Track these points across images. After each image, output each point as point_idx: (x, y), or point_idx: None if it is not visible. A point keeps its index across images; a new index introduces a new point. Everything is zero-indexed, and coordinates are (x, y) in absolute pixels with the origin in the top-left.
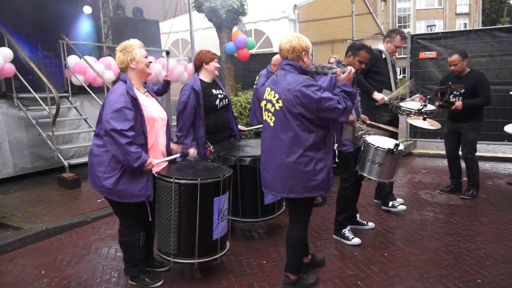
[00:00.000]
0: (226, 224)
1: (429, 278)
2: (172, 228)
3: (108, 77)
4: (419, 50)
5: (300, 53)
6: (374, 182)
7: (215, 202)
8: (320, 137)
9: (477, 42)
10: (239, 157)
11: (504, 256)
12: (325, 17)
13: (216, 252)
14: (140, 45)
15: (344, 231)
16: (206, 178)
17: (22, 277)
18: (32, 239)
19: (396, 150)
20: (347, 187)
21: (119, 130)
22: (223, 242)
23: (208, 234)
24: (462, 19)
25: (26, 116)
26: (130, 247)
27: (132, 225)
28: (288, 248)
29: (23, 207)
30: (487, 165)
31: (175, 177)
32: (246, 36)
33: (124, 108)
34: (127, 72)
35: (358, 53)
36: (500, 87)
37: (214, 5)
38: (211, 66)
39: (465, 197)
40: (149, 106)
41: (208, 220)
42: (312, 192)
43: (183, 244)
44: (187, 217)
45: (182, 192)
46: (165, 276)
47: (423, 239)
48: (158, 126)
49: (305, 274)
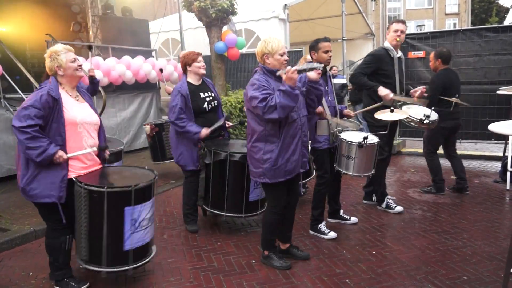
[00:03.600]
0: (145, 234)
1: (416, 276)
2: (83, 233)
3: (97, 77)
4: (408, 49)
5: (262, 56)
6: (351, 177)
7: (126, 212)
8: (269, 131)
9: (465, 41)
10: (230, 152)
11: (490, 253)
12: (315, 16)
13: (127, 264)
14: (67, 50)
15: (319, 226)
16: (113, 187)
17: (10, 278)
18: (19, 241)
19: (365, 143)
20: (321, 183)
21: (17, 127)
22: (139, 253)
23: (117, 244)
24: (451, 19)
25: (12, 117)
26: (55, 250)
27: (58, 227)
28: (262, 225)
29: (11, 208)
30: (475, 164)
31: (85, 183)
32: (236, 35)
33: (31, 106)
34: (57, 77)
35: (317, 46)
36: (487, 86)
37: (203, 4)
38: (194, 67)
39: (422, 191)
40: (74, 109)
41: (117, 230)
42: (260, 178)
43: (92, 251)
44: (94, 224)
45: (91, 199)
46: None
47: (411, 237)
48: (82, 130)
49: (276, 257)
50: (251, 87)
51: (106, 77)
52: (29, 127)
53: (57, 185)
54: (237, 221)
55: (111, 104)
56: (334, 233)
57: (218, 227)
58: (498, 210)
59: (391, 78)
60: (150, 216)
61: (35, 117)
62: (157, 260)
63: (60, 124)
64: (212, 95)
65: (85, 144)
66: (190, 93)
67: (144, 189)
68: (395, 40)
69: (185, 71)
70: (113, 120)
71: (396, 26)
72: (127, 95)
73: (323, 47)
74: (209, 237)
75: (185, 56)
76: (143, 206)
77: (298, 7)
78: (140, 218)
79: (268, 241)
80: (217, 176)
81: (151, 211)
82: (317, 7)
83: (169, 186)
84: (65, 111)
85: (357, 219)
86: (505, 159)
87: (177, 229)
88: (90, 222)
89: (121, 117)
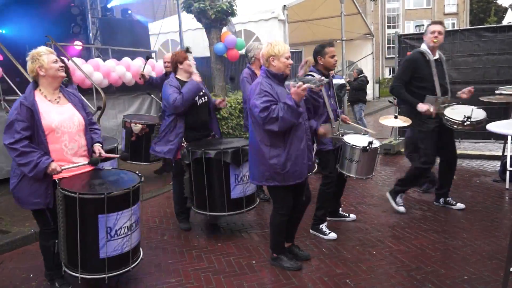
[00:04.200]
0: (123, 243)
1: (416, 275)
2: (62, 237)
3: (97, 79)
4: (407, 49)
5: (268, 58)
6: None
7: (99, 219)
8: (274, 136)
9: (464, 41)
10: (204, 150)
11: (490, 252)
12: (314, 17)
13: (103, 272)
14: (48, 51)
15: (321, 226)
16: (85, 194)
17: (11, 280)
18: (20, 243)
19: (369, 148)
20: (327, 183)
21: (7, 145)
22: (116, 261)
23: (92, 251)
24: (450, 19)
25: None
26: (45, 251)
27: (46, 230)
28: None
29: (11, 210)
30: (474, 163)
31: (61, 187)
32: (235, 36)
33: (15, 120)
34: (39, 79)
35: (324, 51)
36: (486, 86)
37: (203, 6)
38: (185, 65)
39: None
40: (51, 114)
41: (92, 237)
42: (269, 182)
43: (69, 255)
44: (70, 229)
45: (66, 203)
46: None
47: (411, 237)
48: (60, 135)
49: (286, 258)
50: (254, 92)
51: (106, 78)
52: (17, 143)
53: (42, 192)
54: (238, 222)
55: (111, 106)
56: (334, 234)
57: (218, 228)
58: (497, 209)
59: (429, 82)
60: (130, 224)
61: (22, 130)
62: (158, 261)
63: (40, 131)
64: (202, 91)
65: (65, 148)
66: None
67: (121, 197)
68: (432, 41)
69: (175, 69)
70: (113, 121)
71: (433, 27)
72: (127, 97)
73: (330, 52)
74: (209, 238)
75: (177, 54)
76: (119, 214)
77: (297, 8)
78: (117, 226)
79: (277, 243)
80: (196, 175)
81: (131, 219)
82: (316, 8)
83: (169, 187)
84: (42, 117)
85: (355, 216)
86: (505, 159)
87: (177, 230)
88: (66, 226)
89: (121, 118)
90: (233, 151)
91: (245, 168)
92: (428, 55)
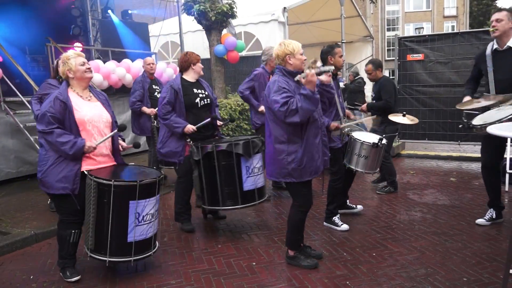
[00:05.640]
0: (147, 229)
1: (416, 277)
2: (91, 224)
3: (97, 80)
4: (407, 52)
5: (284, 57)
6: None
7: (130, 205)
8: (292, 132)
9: (464, 44)
10: (215, 143)
11: (490, 254)
12: (314, 19)
13: (130, 255)
14: (76, 55)
15: (334, 218)
16: (120, 180)
17: (11, 282)
18: (20, 244)
19: (380, 143)
20: (336, 179)
21: (43, 131)
22: (141, 245)
23: (121, 235)
24: (450, 22)
25: (12, 120)
26: (62, 240)
27: (66, 220)
28: (287, 225)
29: (11, 212)
30: (474, 166)
31: (95, 176)
32: (235, 38)
33: (47, 112)
34: (69, 80)
35: (334, 51)
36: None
37: (203, 7)
38: (198, 67)
39: (380, 192)
40: (84, 109)
41: (122, 222)
42: (286, 178)
43: (97, 241)
44: (101, 215)
45: (99, 191)
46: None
47: (411, 239)
48: (91, 128)
49: (303, 256)
50: (271, 89)
51: (106, 80)
52: (51, 129)
53: (71, 178)
54: (238, 223)
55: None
56: (346, 225)
57: (218, 229)
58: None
59: (487, 77)
60: (153, 212)
61: (54, 120)
62: (158, 263)
63: (72, 123)
64: (205, 93)
65: (94, 141)
66: (183, 88)
67: (149, 185)
68: (492, 32)
69: (186, 68)
70: None
71: (492, 16)
72: (127, 98)
73: (338, 52)
74: (209, 239)
75: (190, 54)
76: (147, 201)
77: (297, 10)
78: (144, 212)
79: (294, 241)
80: (207, 170)
81: (155, 208)
82: (316, 10)
83: (169, 189)
84: (75, 111)
85: (362, 207)
86: (504, 161)
87: (177, 232)
88: (97, 212)
89: (121, 119)
90: (244, 143)
91: (255, 160)
92: (488, 49)
